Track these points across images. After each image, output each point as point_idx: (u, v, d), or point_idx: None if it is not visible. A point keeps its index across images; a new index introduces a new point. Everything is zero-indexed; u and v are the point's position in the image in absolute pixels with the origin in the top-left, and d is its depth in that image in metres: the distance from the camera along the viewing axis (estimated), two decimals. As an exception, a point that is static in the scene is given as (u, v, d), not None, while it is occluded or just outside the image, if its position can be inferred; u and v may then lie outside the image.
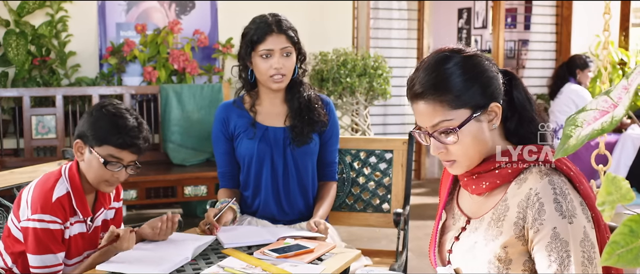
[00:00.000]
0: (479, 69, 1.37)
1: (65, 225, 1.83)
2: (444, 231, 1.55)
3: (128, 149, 1.85)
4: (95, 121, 1.85)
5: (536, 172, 1.34)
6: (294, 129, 2.29)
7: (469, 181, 1.44)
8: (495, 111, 1.38)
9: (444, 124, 1.35)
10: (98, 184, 1.88)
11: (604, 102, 0.92)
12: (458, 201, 1.53)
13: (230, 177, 2.34)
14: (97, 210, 1.97)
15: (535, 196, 1.31)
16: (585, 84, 5.31)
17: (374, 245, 4.02)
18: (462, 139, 1.35)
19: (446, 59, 1.37)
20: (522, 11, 6.56)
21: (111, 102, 1.90)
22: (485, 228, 1.39)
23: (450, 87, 1.34)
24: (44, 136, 4.15)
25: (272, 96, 2.33)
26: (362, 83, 4.64)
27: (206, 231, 2.05)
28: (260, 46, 2.22)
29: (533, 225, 1.31)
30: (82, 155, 1.88)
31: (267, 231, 2.11)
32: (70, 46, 4.58)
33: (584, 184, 1.35)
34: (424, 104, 1.36)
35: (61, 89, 4.19)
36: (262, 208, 2.32)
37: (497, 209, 1.38)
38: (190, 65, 4.50)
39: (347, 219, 2.64)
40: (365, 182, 2.62)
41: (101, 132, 1.83)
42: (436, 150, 1.38)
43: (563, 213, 1.28)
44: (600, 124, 0.87)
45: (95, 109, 1.88)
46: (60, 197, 1.82)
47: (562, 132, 3.40)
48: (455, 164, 1.40)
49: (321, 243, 1.97)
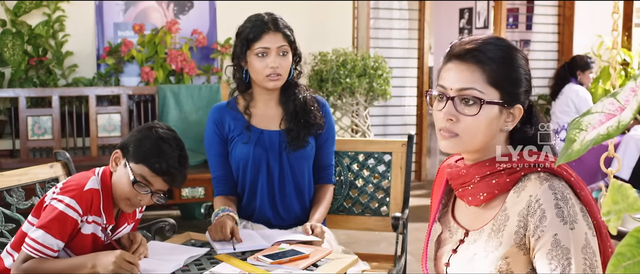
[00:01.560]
0: (528, 69, 1.38)
1: (83, 218, 1.78)
2: (440, 244, 1.50)
3: (162, 176, 1.78)
4: (141, 139, 1.80)
5: (535, 178, 1.29)
6: (290, 132, 2.24)
7: (464, 191, 1.39)
8: (515, 114, 1.35)
9: (472, 92, 1.31)
10: (119, 201, 1.84)
11: (610, 105, 0.87)
12: (454, 212, 1.48)
13: (225, 182, 2.28)
14: (120, 225, 1.92)
15: (536, 202, 1.26)
16: (586, 85, 5.27)
17: (373, 248, 3.97)
18: (481, 116, 1.31)
19: (512, 45, 1.37)
20: (523, 11, 6.50)
21: (162, 125, 1.85)
22: (485, 240, 1.34)
23: (508, 65, 1.33)
24: (40, 137, 4.11)
25: (267, 97, 2.27)
26: (362, 83, 4.59)
27: (221, 237, 1.99)
28: (256, 44, 2.17)
29: (534, 232, 1.26)
30: (116, 166, 1.84)
31: (262, 235, 2.06)
32: (68, 46, 4.54)
33: (585, 190, 1.30)
34: (466, 66, 1.33)
35: (57, 90, 4.15)
36: (258, 212, 2.27)
37: (496, 220, 1.33)
38: (188, 66, 4.45)
39: (345, 223, 2.58)
40: (363, 185, 2.56)
41: (142, 151, 1.79)
42: (448, 115, 1.33)
43: (564, 219, 1.24)
44: (606, 129, 0.82)
45: (145, 127, 1.85)
46: (92, 189, 1.79)
47: (563, 133, 3.33)
48: (456, 139, 1.34)
49: (317, 248, 1.92)
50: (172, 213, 4.83)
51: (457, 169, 1.40)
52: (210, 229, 2.02)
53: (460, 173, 1.39)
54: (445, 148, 1.37)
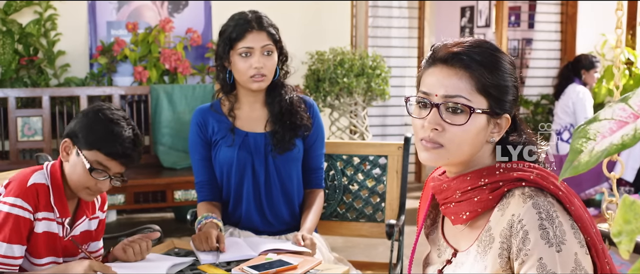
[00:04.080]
0: (516, 76, 1.27)
1: (35, 216, 1.69)
2: (428, 262, 1.39)
3: (118, 160, 1.73)
4: (90, 124, 1.73)
5: (519, 195, 1.18)
6: (275, 135, 2.14)
7: (446, 209, 1.28)
8: (502, 124, 1.25)
9: (460, 100, 1.20)
10: (79, 191, 1.76)
11: (621, 111, 0.77)
12: (443, 230, 1.37)
13: (209, 187, 2.17)
14: (79, 218, 1.83)
15: (518, 223, 1.15)
16: (590, 85, 5.16)
17: (371, 252, 3.87)
18: (469, 126, 1.20)
19: (499, 49, 1.26)
20: (526, 9, 6.40)
21: (109, 106, 1.78)
22: (472, 262, 1.23)
23: (497, 71, 1.22)
24: (30, 138, 4.02)
25: (252, 99, 2.17)
26: (360, 83, 4.48)
27: (206, 248, 1.89)
28: (239, 44, 2.08)
29: (518, 256, 1.15)
30: (68, 155, 1.76)
31: (249, 243, 1.96)
32: (59, 45, 4.45)
33: (575, 204, 1.19)
34: (454, 71, 1.21)
35: (48, 90, 4.05)
36: (245, 219, 2.17)
37: (481, 241, 1.22)
38: (182, 65, 4.35)
39: (338, 229, 2.48)
40: (357, 189, 2.45)
41: (93, 137, 1.72)
42: (433, 124, 1.21)
43: (550, 241, 1.13)
44: (620, 138, 0.72)
45: (91, 111, 1.76)
46: (36, 183, 1.71)
47: (566, 134, 3.19)
48: (440, 150, 1.22)
49: (306, 258, 1.82)
50: (166, 216, 4.74)
51: (440, 183, 1.29)
52: (194, 239, 1.92)
53: (442, 187, 1.28)
54: (427, 160, 1.25)
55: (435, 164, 1.27)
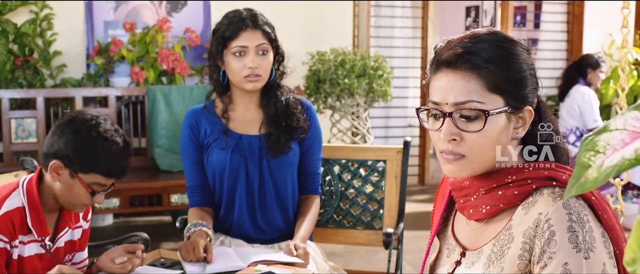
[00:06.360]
0: (531, 62, 1.17)
1: (12, 243, 1.62)
2: (436, 264, 1.30)
3: (116, 176, 1.70)
4: (85, 146, 1.64)
5: (548, 194, 1.09)
6: (270, 137, 2.04)
7: (466, 203, 1.19)
8: (525, 117, 1.15)
9: (472, 105, 1.11)
10: (73, 207, 1.72)
11: (634, 121, 0.68)
12: (453, 228, 1.28)
13: (201, 192, 2.08)
14: (61, 229, 1.76)
15: (545, 222, 1.06)
16: (595, 85, 5.05)
17: (371, 258, 3.77)
18: (487, 130, 1.11)
19: (508, 38, 1.16)
20: (531, 9, 6.28)
21: (98, 121, 1.67)
22: (485, 263, 1.14)
23: (508, 64, 1.12)
24: (24, 139, 3.94)
25: (247, 100, 2.08)
26: (361, 84, 4.38)
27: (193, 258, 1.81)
28: (233, 43, 1.99)
29: (540, 258, 1.06)
30: (58, 176, 1.66)
31: (239, 253, 1.87)
32: (56, 45, 4.38)
33: (608, 212, 1.09)
34: (460, 74, 1.12)
35: (42, 91, 3.98)
36: (236, 225, 2.08)
37: (498, 240, 1.13)
38: (180, 66, 4.27)
39: (334, 237, 2.38)
40: (355, 195, 2.36)
41: (92, 161, 1.65)
42: (449, 136, 1.12)
43: (578, 245, 1.03)
44: (634, 152, 0.62)
45: (82, 128, 1.65)
46: (9, 211, 1.62)
47: (572, 137, 3.08)
48: (462, 161, 1.14)
49: (297, 270, 1.73)
50: (163, 219, 4.66)
51: (461, 180, 1.20)
52: (181, 248, 1.83)
53: (463, 185, 1.19)
54: (451, 173, 1.16)
55: (460, 176, 1.18)
